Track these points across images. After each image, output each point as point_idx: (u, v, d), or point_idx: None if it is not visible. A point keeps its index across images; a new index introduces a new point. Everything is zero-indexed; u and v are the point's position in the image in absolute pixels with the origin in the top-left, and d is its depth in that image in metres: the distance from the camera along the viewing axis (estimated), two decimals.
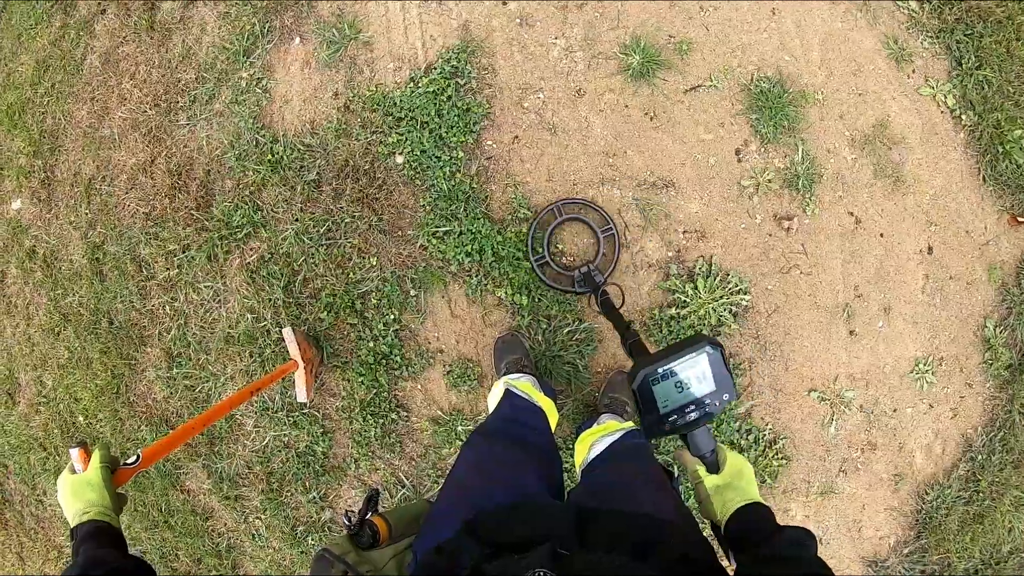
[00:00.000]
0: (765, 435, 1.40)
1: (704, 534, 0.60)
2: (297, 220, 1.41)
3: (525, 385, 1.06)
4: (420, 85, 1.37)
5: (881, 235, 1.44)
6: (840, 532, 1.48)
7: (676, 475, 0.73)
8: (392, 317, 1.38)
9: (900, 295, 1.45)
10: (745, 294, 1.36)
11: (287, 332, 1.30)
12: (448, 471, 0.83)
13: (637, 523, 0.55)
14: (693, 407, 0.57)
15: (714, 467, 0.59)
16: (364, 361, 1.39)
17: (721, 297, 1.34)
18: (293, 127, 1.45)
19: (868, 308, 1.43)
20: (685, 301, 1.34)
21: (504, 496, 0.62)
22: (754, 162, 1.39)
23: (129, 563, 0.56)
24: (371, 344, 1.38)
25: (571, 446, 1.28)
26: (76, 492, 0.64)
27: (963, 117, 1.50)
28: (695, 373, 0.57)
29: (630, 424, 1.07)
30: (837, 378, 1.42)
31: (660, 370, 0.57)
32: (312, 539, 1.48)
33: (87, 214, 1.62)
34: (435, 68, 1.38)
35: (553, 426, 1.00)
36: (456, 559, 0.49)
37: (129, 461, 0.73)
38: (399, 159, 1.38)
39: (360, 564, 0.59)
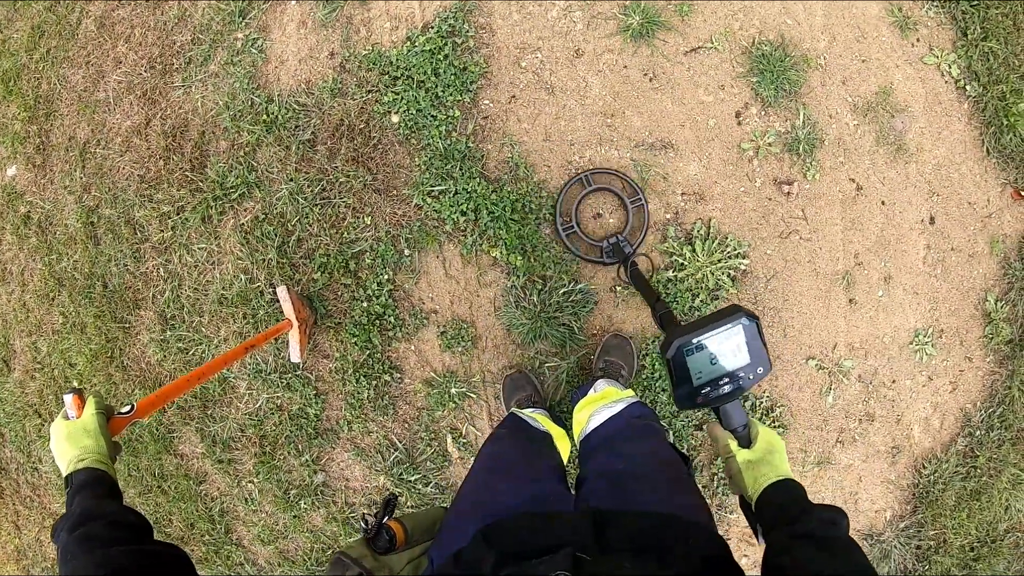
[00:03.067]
0: (762, 402, 1.39)
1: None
2: (291, 180, 1.40)
3: (535, 414, 1.03)
4: (417, 44, 1.35)
5: (882, 203, 1.42)
6: (836, 504, 1.47)
7: (690, 460, 0.72)
8: (386, 277, 1.37)
9: (901, 264, 1.43)
10: (744, 258, 1.35)
11: (281, 291, 1.29)
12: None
13: (656, 523, 0.54)
14: (727, 380, 0.56)
15: (746, 441, 0.58)
16: (358, 322, 1.38)
17: (719, 260, 1.33)
18: (288, 87, 1.44)
19: (868, 277, 1.41)
20: (683, 264, 1.32)
21: (518, 497, 0.62)
22: (754, 125, 1.37)
23: (128, 515, 0.54)
24: (365, 304, 1.37)
25: (570, 415, 1.26)
26: (71, 438, 0.62)
27: (967, 88, 1.48)
28: (730, 345, 0.56)
29: (629, 393, 1.04)
30: (836, 347, 1.41)
31: (695, 341, 0.56)
32: (304, 503, 1.47)
33: (82, 178, 1.61)
34: (432, 27, 1.37)
35: (565, 457, 0.94)
36: (474, 567, 0.49)
37: (124, 410, 0.72)
38: (395, 118, 1.37)
39: (377, 569, 0.59)
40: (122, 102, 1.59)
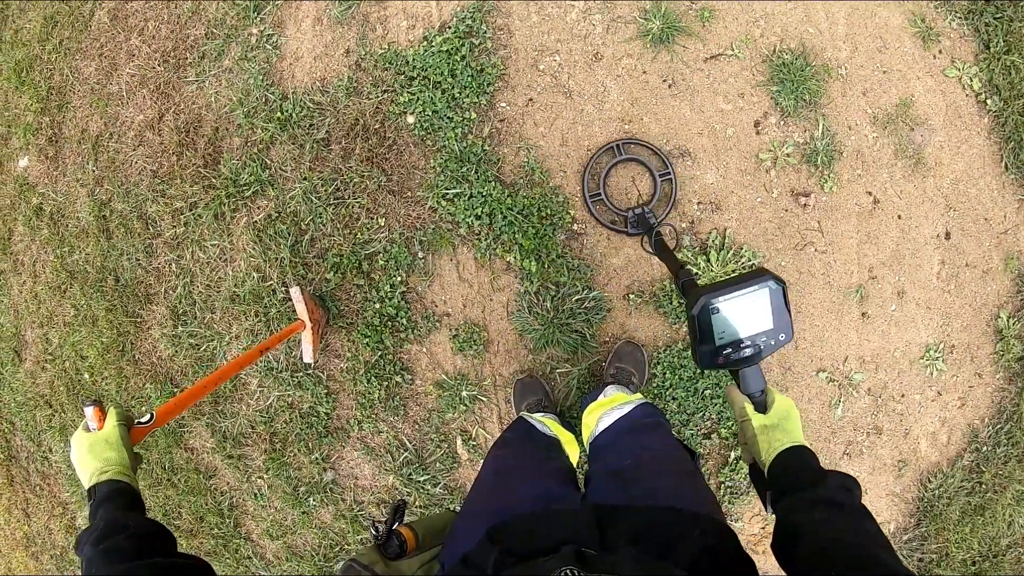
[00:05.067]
0: None
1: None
2: (305, 179, 1.40)
3: (544, 419, 1.02)
4: (434, 44, 1.34)
5: (899, 217, 1.41)
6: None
7: (698, 454, 0.72)
8: (399, 279, 1.37)
9: (915, 279, 1.43)
10: None
11: (295, 291, 1.29)
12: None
13: (659, 518, 0.54)
14: (749, 343, 0.56)
15: (762, 407, 0.58)
16: (370, 323, 1.38)
17: (734, 271, 1.32)
18: (303, 84, 1.43)
19: (882, 290, 1.41)
20: (697, 273, 1.32)
21: (526, 499, 0.62)
22: (773, 135, 1.36)
23: (151, 527, 0.54)
24: (377, 306, 1.37)
25: (580, 421, 1.26)
26: (93, 450, 0.62)
27: (988, 102, 1.46)
28: (755, 308, 0.56)
29: (638, 396, 1.04)
30: (846, 359, 1.40)
31: (723, 299, 0.55)
32: (313, 500, 1.48)
33: (94, 171, 1.61)
34: (449, 27, 1.35)
35: (574, 461, 0.94)
36: (481, 568, 0.49)
37: (143, 420, 0.71)
38: (410, 119, 1.36)
39: (388, 574, 0.59)
40: (135, 96, 1.58)
